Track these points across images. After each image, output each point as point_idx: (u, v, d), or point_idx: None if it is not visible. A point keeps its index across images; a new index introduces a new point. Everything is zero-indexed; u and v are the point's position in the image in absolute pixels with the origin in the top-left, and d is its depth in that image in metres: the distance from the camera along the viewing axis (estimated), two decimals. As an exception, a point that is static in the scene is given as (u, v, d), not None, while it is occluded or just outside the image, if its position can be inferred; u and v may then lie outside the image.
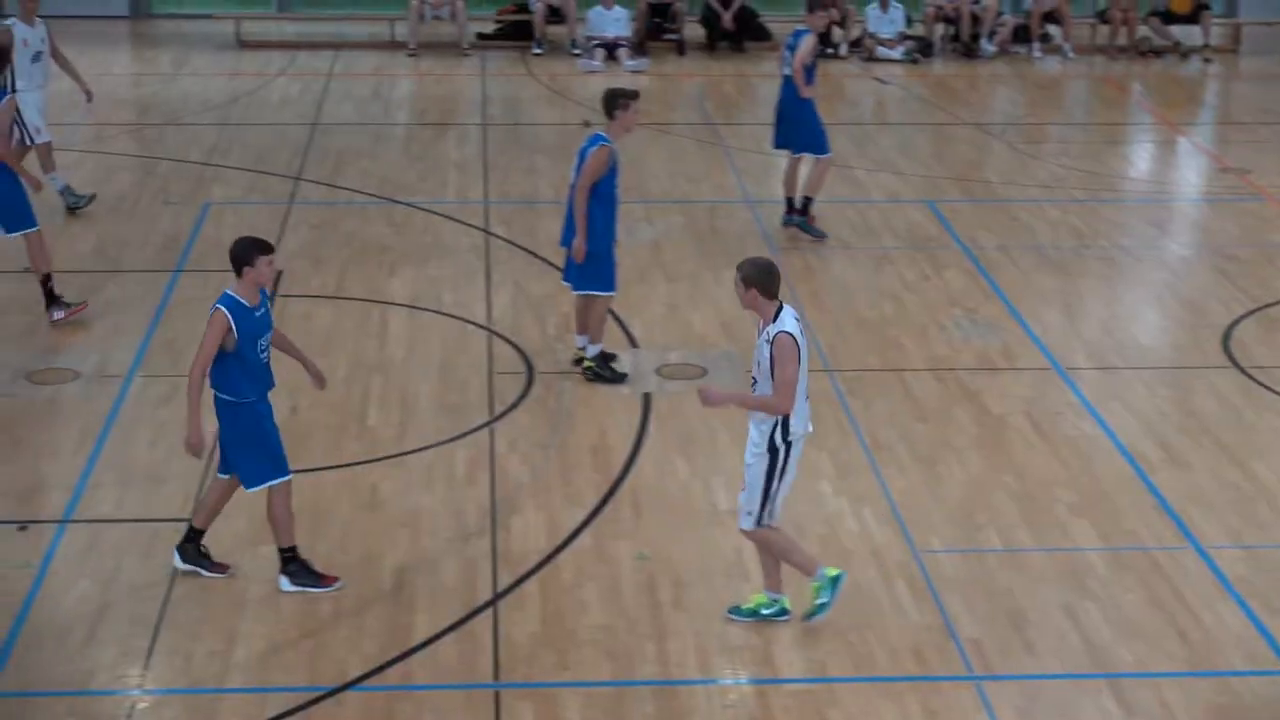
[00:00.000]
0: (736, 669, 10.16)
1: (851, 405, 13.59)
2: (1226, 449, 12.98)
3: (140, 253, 16.75)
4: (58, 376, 13.85)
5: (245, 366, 10.40)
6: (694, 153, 20.45)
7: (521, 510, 11.94)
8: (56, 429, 12.78)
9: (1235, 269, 16.77)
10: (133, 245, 16.93)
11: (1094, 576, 11.15)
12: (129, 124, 21.70)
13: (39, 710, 9.66)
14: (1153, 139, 22.32)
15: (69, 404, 13.39)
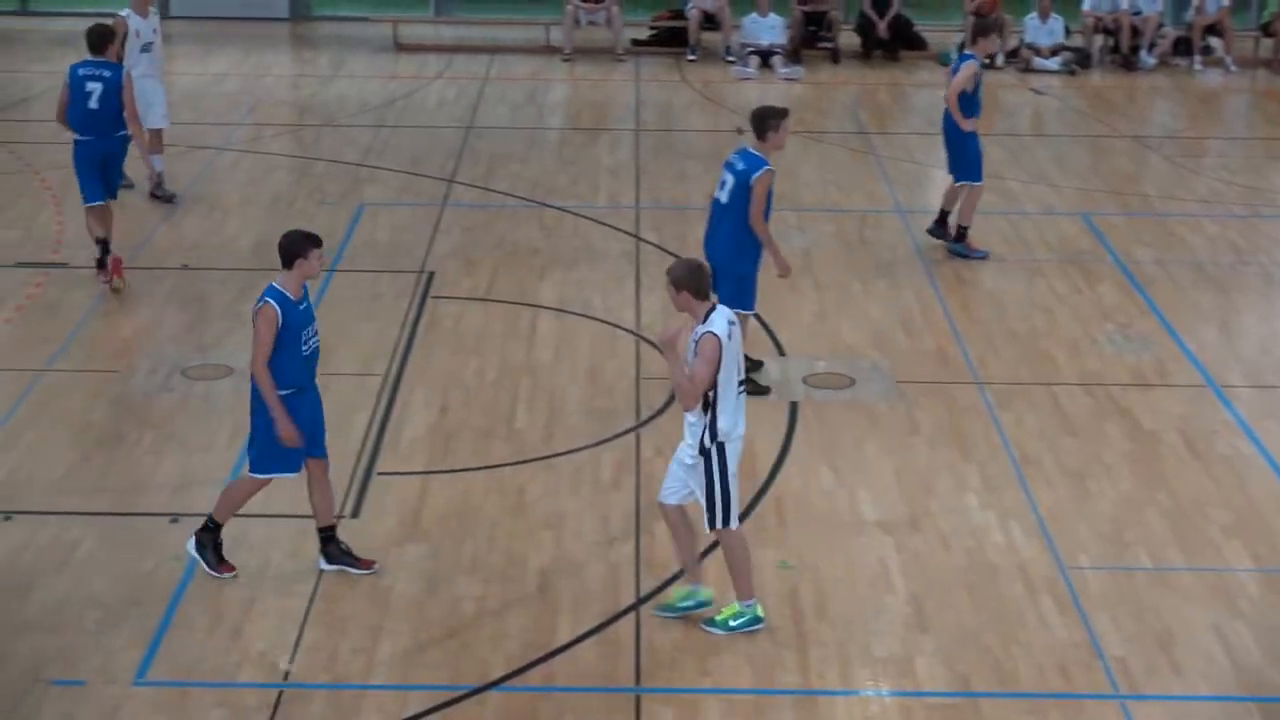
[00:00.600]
0: (878, 680, 10.10)
1: (1001, 418, 13.48)
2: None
3: (295, 251, 16.94)
4: (212, 372, 14.07)
5: (285, 359, 10.53)
6: (846, 162, 20.38)
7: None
8: (209, 424, 12.97)
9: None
10: (288, 244, 17.13)
11: (1245, 598, 10.98)
12: (287, 125, 21.99)
13: (188, 700, 9.80)
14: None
15: (222, 399, 13.58)
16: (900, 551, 11.50)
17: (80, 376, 14.01)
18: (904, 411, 13.61)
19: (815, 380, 14.16)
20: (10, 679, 9.80)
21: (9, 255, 16.66)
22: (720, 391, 10.10)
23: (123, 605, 10.68)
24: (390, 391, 13.83)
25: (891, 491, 12.34)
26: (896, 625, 10.65)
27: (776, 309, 15.28)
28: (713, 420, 10.14)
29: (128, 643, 10.30)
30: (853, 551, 11.52)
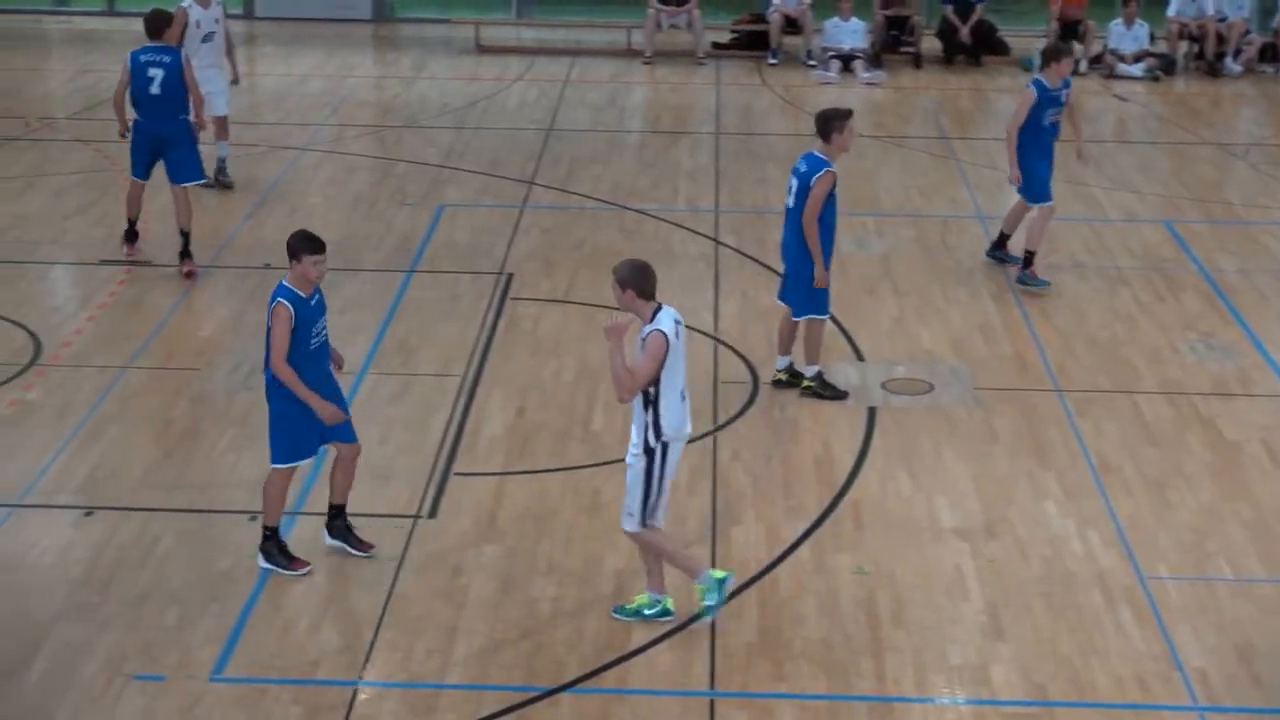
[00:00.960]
0: (954, 688, 10.05)
1: (1080, 426, 13.39)
2: None
3: (376, 252, 17.05)
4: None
5: (292, 353, 10.69)
6: (927, 167, 20.31)
7: (742, 520, 11.95)
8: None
9: None
10: (369, 245, 17.24)
11: (1328, 611, 10.89)
12: (369, 126, 22.11)
13: (265, 697, 9.85)
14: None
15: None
16: (977, 558, 11.44)
17: (161, 374, 14.13)
18: (982, 418, 13.55)
19: (894, 385, 14.11)
20: (92, 673, 9.90)
21: (94, 253, 16.83)
22: (663, 390, 10.18)
23: (202, 601, 10.77)
24: (469, 392, 13.88)
25: (969, 498, 12.28)
26: (973, 633, 10.60)
27: (855, 314, 15.25)
28: (655, 419, 10.22)
29: (206, 639, 10.37)
30: (929, 558, 11.47)
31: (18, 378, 13.95)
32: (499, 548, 11.48)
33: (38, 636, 10.30)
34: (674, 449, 10.34)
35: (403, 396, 13.75)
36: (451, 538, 11.58)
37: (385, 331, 15.04)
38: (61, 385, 13.84)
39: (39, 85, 23.78)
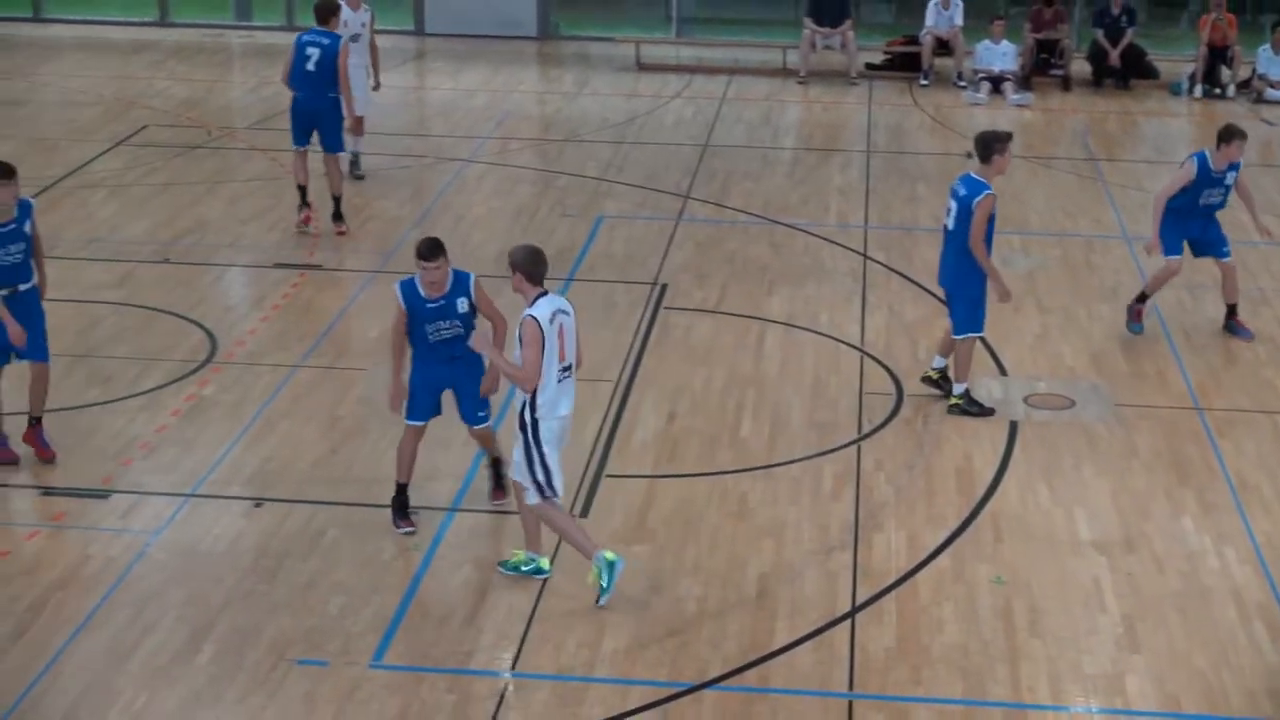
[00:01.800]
0: (1089, 697, 9.97)
1: (1220, 445, 13.21)
2: None
3: (536, 260, 17.16)
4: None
5: (412, 340, 11.49)
6: (1074, 188, 20.11)
7: (884, 527, 11.92)
8: (451, 424, 13.16)
9: None
10: (529, 253, 17.35)
11: None
12: (532, 139, 22.28)
13: (421, 684, 9.97)
14: None
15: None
16: (1114, 571, 11.34)
17: (330, 373, 14.33)
18: (1122, 434, 13.41)
19: (1036, 400, 14.00)
20: (258, 657, 10.08)
21: (268, 257, 17.13)
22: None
23: (364, 591, 10.92)
24: (621, 397, 13.95)
25: (1107, 512, 12.16)
26: (1108, 644, 10.50)
27: (999, 330, 15.13)
28: (532, 397, 10.64)
29: (367, 627, 10.52)
30: (1067, 569, 11.37)
31: (194, 374, 14.23)
32: (647, 547, 11.54)
33: (209, 620, 10.51)
34: (545, 425, 10.71)
35: (558, 400, 13.85)
36: (602, 537, 11.60)
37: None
38: (236, 382, 14.09)
39: (221, 96, 24.20)
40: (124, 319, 15.42)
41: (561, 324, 10.72)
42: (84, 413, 13.46)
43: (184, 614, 10.53)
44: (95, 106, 23.12)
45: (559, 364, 10.70)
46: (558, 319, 10.68)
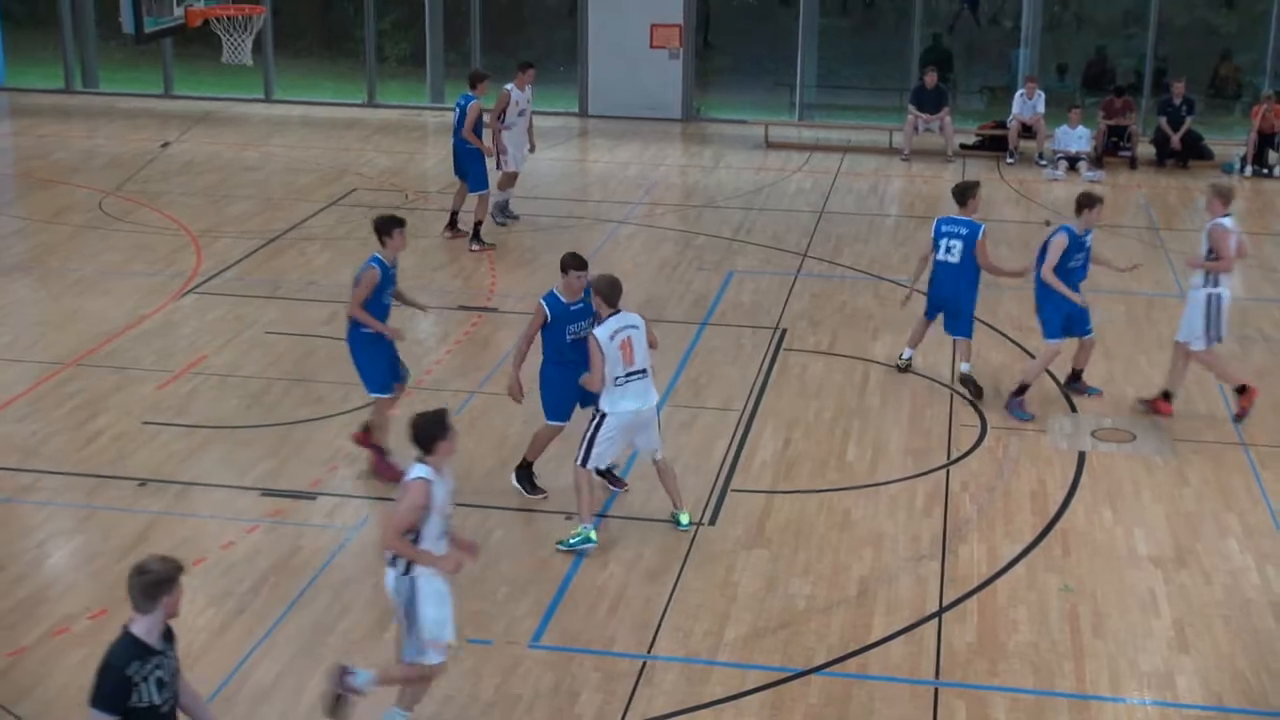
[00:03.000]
0: (1143, 691, 9.82)
1: (1262, 475, 12.96)
2: None
3: (678, 307, 17.22)
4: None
5: (554, 341, 11.92)
6: (1138, 252, 19.81)
7: (968, 540, 11.81)
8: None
9: None
10: (671, 302, 17.42)
11: None
12: (675, 205, 22.33)
13: (571, 663, 10.03)
14: None
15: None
16: (1168, 583, 11.16)
17: (502, 399, 14.35)
18: (1176, 465, 13.19)
19: (1102, 434, 13.81)
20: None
21: (453, 300, 17.29)
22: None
23: (524, 583, 11.00)
24: (746, 424, 13.94)
25: (1162, 532, 11.98)
26: (1161, 645, 10.34)
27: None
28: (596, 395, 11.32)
29: (527, 613, 10.61)
30: (1126, 580, 11.21)
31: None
32: (765, 552, 11.52)
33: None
34: (609, 420, 11.29)
35: (692, 425, 13.87)
36: (727, 542, 11.66)
37: (680, 373, 15.18)
38: (423, 405, 14.14)
39: (417, 165, 24.50)
40: (334, 350, 15.59)
41: (628, 336, 11.16)
42: (299, 427, 13.68)
43: (374, 598, 10.63)
44: (313, 173, 23.52)
45: (624, 369, 11.19)
46: (621, 334, 11.17)
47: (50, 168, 23.57)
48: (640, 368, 11.29)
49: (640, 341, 11.30)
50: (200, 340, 15.85)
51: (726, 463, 13.11)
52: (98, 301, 17.03)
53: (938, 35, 28.91)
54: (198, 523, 11.90)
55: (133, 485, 12.49)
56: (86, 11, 29.62)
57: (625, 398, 11.30)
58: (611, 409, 11.30)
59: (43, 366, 15.04)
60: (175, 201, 21.44)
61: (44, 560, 11.39)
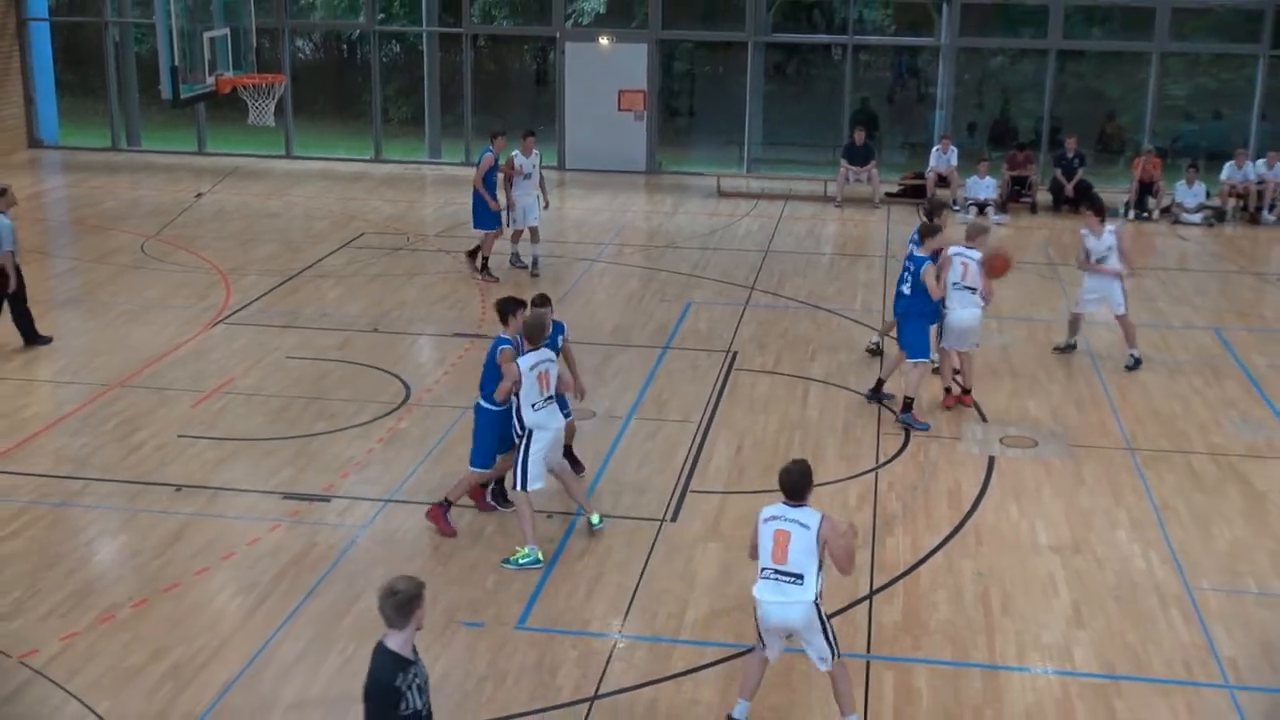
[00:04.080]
0: (1045, 662, 9.83)
1: (1146, 475, 13.01)
2: None
3: (642, 334, 17.20)
4: (586, 413, 13.99)
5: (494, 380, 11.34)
6: (1037, 284, 19.91)
7: (894, 532, 11.81)
8: (583, 447, 13.18)
9: None
10: (637, 329, 17.40)
11: (1330, 620, 10.41)
12: (641, 245, 22.31)
13: (553, 642, 9.98)
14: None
15: (589, 433, 13.73)
16: (1065, 569, 11.19)
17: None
18: (1073, 467, 13.23)
19: (1008, 441, 13.84)
20: (435, 619, 10.08)
21: (449, 328, 17.24)
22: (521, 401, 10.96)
23: (511, 573, 10.94)
24: (703, 434, 13.92)
25: (1061, 525, 12.00)
26: (1060, 622, 10.36)
27: (982, 388, 15.00)
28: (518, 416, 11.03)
29: (514, 599, 10.55)
30: (1029, 567, 11.23)
31: (393, 413, 14.33)
32: (720, 544, 11.50)
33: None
34: (535, 437, 11.01)
35: (655, 435, 13.85)
36: (687, 536, 11.63)
37: (645, 390, 15.17)
38: (423, 419, 14.19)
39: (416, 213, 24.46)
40: (345, 372, 15.58)
41: (545, 370, 11.02)
42: (315, 439, 13.61)
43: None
44: (327, 219, 23.44)
45: (540, 395, 10.98)
46: (540, 366, 10.96)
47: (99, 215, 23.45)
48: (550, 395, 11.13)
49: (553, 373, 11.14)
50: (229, 364, 15.76)
51: (686, 467, 13.09)
52: (140, 331, 16.94)
53: (865, 99, 29.04)
54: (227, 523, 11.82)
55: (170, 490, 12.40)
56: (130, 80, 29.52)
57: (543, 418, 11.09)
58: (535, 426, 11.04)
59: (92, 387, 14.96)
60: (208, 244, 21.35)
61: (92, 556, 11.30)
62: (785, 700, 9.33)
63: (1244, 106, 27.00)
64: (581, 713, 9.19)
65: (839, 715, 8.89)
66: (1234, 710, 9.28)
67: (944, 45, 26.91)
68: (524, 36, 31.26)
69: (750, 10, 27.17)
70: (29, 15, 28.78)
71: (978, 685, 9.55)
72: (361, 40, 30.51)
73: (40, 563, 11.04)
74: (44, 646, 9.82)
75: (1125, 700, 9.39)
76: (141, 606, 10.36)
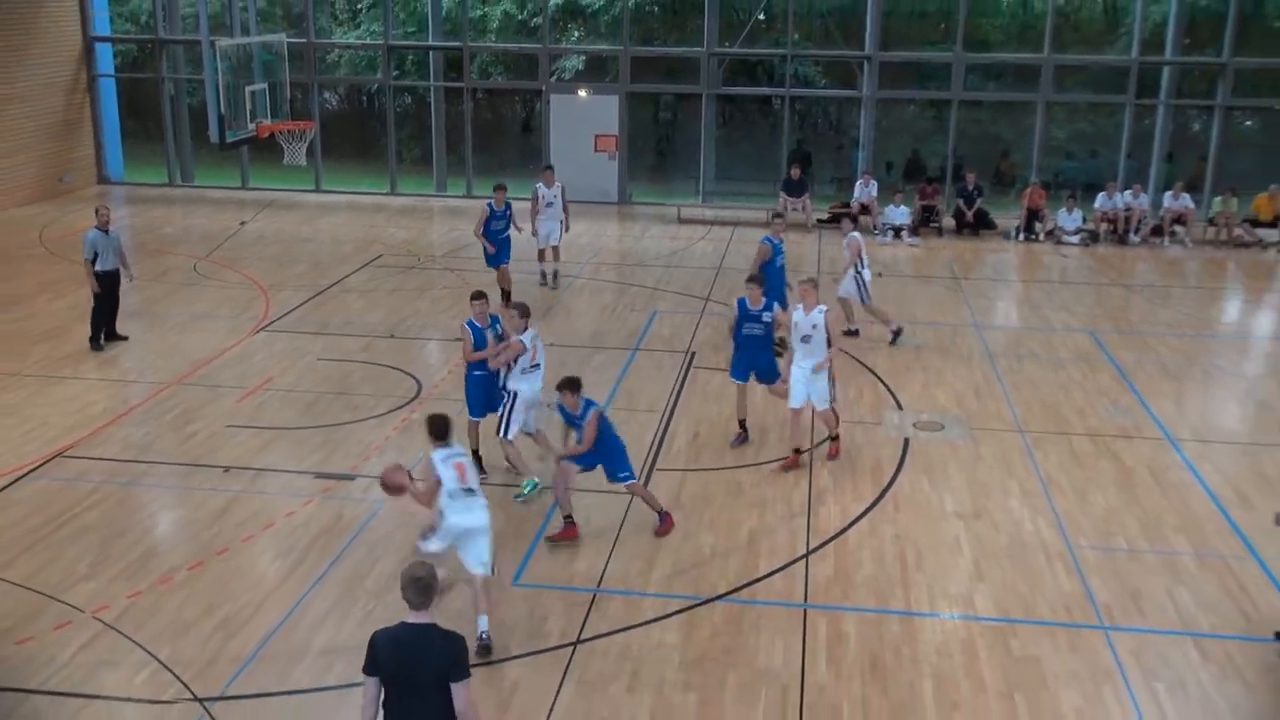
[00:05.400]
0: (952, 608, 9.88)
1: (1035, 453, 13.09)
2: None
3: (615, 338, 17.18)
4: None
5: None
6: (943, 295, 20.00)
7: (826, 503, 11.85)
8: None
9: (1293, 384, 15.62)
10: (611, 334, 17.39)
11: (1186, 571, 10.51)
12: (614, 264, 22.30)
13: (543, 595, 9.99)
14: (1242, 299, 20.84)
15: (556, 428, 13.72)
16: (968, 531, 11.25)
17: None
18: (973, 446, 13.30)
19: (920, 425, 13.90)
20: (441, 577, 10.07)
21: (454, 334, 17.09)
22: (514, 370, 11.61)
23: (508, 538, 10.91)
24: (666, 421, 13.93)
25: (964, 495, 12.06)
26: (963, 576, 10.41)
27: (899, 382, 15.07)
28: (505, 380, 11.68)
29: (510, 561, 10.53)
30: (938, 530, 11.29)
31: (407, 405, 14.29)
32: (680, 513, 11.51)
33: (412, 555, 10.50)
34: (518, 397, 11.54)
35: (629, 422, 13.80)
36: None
37: (618, 385, 15.16)
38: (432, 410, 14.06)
39: (425, 238, 24.36)
40: (366, 371, 15.52)
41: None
42: (341, 427, 13.55)
43: (398, 552, 10.57)
44: (350, 243, 23.33)
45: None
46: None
47: (158, 240, 23.26)
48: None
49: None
50: (268, 365, 15.67)
51: (653, 449, 13.09)
52: (193, 338, 16.82)
53: (800, 141, 29.09)
54: (267, 498, 11.75)
55: (218, 471, 12.33)
56: (183, 126, 29.29)
57: (526, 382, 11.64)
58: (519, 388, 11.63)
59: (153, 386, 14.84)
60: (250, 264, 21.22)
61: (154, 528, 11.23)
62: (735, 643, 9.35)
63: (1114, 147, 27.19)
64: (567, 655, 9.19)
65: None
66: (1107, 647, 9.36)
67: (865, 96, 26.99)
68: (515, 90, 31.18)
69: (704, 68, 27.20)
70: (98, 72, 28.60)
71: (896, 629, 9.59)
72: (379, 93, 30.37)
73: (110, 533, 10.96)
74: (114, 603, 9.75)
75: (1018, 639, 9.44)
76: (196, 569, 10.30)
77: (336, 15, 31.68)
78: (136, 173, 30.08)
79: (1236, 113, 26.87)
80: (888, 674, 8.97)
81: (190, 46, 28.65)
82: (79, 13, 27.92)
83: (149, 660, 9.02)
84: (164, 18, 28.74)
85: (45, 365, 15.50)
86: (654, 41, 28.77)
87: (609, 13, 28.84)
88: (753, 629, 9.53)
